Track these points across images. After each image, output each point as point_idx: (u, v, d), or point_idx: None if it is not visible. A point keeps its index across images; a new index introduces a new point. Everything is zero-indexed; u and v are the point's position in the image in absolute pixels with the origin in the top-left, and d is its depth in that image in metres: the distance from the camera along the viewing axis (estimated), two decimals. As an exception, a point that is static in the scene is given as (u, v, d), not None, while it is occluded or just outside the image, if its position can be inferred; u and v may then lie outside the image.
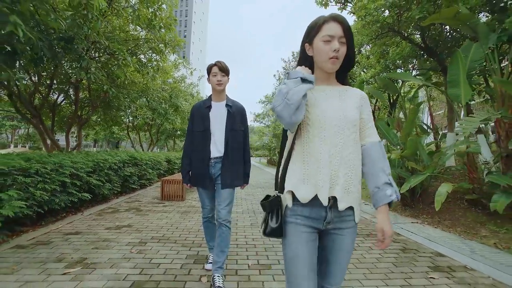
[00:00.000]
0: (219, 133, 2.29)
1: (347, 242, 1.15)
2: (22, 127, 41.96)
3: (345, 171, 1.09)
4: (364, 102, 1.22)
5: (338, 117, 1.12)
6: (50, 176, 3.71)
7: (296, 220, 1.12)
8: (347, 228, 1.14)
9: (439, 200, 4.02)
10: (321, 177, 1.07)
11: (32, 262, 2.61)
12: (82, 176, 4.46)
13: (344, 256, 1.16)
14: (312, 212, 1.10)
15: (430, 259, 2.98)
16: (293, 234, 1.12)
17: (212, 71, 2.28)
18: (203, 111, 2.32)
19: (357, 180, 1.12)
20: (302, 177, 1.10)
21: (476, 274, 2.62)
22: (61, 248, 3.00)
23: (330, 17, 1.12)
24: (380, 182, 1.12)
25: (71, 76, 5.38)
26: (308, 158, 1.11)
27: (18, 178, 3.14)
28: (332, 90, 1.19)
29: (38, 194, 3.30)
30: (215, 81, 2.27)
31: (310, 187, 1.08)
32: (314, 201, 1.09)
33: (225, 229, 2.26)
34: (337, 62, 1.12)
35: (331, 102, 1.16)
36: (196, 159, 2.32)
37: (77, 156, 4.89)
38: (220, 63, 2.28)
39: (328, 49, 1.10)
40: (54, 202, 3.79)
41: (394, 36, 5.68)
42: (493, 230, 3.76)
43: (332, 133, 1.10)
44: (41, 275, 2.35)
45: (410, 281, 2.46)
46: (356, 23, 6.05)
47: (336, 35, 1.09)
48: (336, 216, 1.11)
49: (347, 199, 1.09)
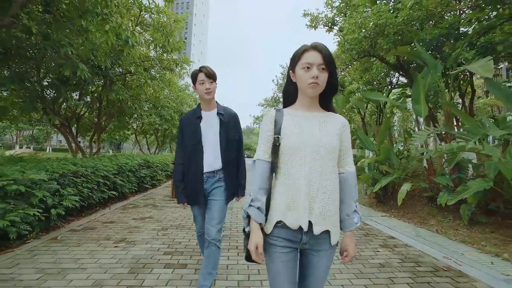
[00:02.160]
0: (213, 146, 2.15)
1: (323, 262, 1.20)
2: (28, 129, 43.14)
3: (322, 196, 1.13)
4: (345, 129, 1.25)
5: (317, 144, 1.15)
6: (90, 177, 4.71)
7: (275, 242, 1.17)
8: (323, 250, 1.18)
9: (400, 196, 5.02)
10: (300, 204, 1.12)
11: (89, 239, 3.60)
12: (110, 177, 5.46)
13: (320, 274, 1.22)
14: (289, 235, 1.16)
15: (383, 240, 3.96)
16: (273, 254, 1.18)
17: (198, 78, 2.08)
18: (194, 123, 2.16)
19: (333, 205, 1.16)
20: (286, 205, 1.15)
21: (411, 249, 3.60)
22: (105, 231, 3.99)
23: (310, 46, 1.18)
24: (350, 211, 1.21)
25: (103, 96, 6.40)
26: (289, 185, 1.16)
27: (72, 179, 4.14)
28: (313, 117, 1.23)
29: (85, 191, 4.30)
30: (203, 89, 2.07)
31: (296, 214, 1.13)
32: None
33: (214, 249, 2.10)
34: (317, 87, 1.16)
35: (311, 129, 1.19)
36: (189, 175, 2.16)
37: (104, 160, 5.89)
38: (206, 69, 2.09)
39: (308, 76, 1.15)
40: (92, 198, 4.79)
41: (371, 57, 6.70)
42: (439, 220, 4.75)
43: (310, 159, 1.14)
44: (99, 247, 3.34)
45: (361, 253, 3.43)
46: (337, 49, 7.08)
47: (315, 62, 1.14)
48: (312, 238, 1.15)
49: (323, 223, 1.13)
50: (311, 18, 7.74)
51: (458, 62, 4.56)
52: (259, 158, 1.24)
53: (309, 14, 7.78)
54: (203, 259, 2.14)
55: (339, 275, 2.75)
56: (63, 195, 3.87)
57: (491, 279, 2.69)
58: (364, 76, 7.67)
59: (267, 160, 1.23)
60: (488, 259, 3.23)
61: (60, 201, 3.80)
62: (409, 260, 3.19)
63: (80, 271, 2.67)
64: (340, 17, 7.28)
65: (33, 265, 2.76)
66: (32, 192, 3.29)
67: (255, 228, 1.16)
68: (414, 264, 3.08)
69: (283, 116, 1.23)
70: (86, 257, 3.01)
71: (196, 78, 2.12)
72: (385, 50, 5.31)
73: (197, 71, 2.13)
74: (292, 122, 1.21)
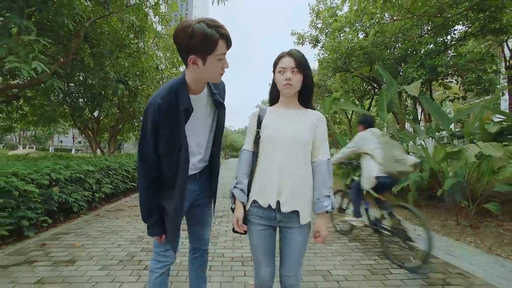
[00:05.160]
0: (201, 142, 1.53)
1: (297, 239, 1.35)
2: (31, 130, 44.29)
3: (291, 181, 1.31)
4: (320, 123, 1.39)
5: (289, 135, 1.33)
6: (118, 171, 5.94)
7: (253, 220, 1.39)
8: (295, 228, 1.35)
9: (365, 187, 6.29)
10: (271, 186, 1.32)
11: (123, 215, 4.83)
12: (130, 171, 6.69)
13: (294, 250, 1.36)
14: (264, 213, 1.36)
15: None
16: (252, 231, 1.40)
17: (219, 50, 1.21)
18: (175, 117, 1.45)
19: (304, 190, 1.33)
20: (260, 187, 1.35)
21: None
22: (133, 211, 5.22)
23: (285, 52, 1.37)
24: (321, 195, 1.34)
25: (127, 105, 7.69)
26: (264, 170, 1.36)
27: (107, 172, 5.38)
28: (291, 113, 1.40)
29: (116, 181, 5.54)
30: (220, 68, 1.29)
31: (267, 194, 1.33)
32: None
33: (206, 254, 1.74)
34: (290, 88, 1.33)
35: (286, 123, 1.37)
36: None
37: (124, 157, 7.13)
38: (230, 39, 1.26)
39: (283, 78, 1.33)
40: (118, 188, 6.02)
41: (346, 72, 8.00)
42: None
43: (283, 149, 1.32)
44: (133, 220, 4.56)
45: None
46: (318, 65, 8.40)
47: (288, 66, 1.32)
48: (285, 217, 1.34)
49: (291, 204, 1.31)
50: (298, 37, 9.06)
51: (407, 80, 5.82)
52: (244, 148, 1.46)
53: (296, 33, 9.09)
54: (196, 270, 1.71)
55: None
56: (101, 183, 5.10)
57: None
58: (343, 86, 8.95)
59: (250, 150, 1.43)
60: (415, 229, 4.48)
61: (100, 188, 5.04)
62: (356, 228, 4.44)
63: (126, 232, 3.90)
64: (323, 36, 8.55)
65: (93, 228, 4.00)
66: (85, 179, 4.53)
67: (238, 206, 1.40)
68: (359, 230, 4.33)
69: (266, 113, 1.44)
70: (126, 225, 4.24)
71: (215, 48, 1.21)
72: (355, 68, 6.56)
73: (217, 37, 1.21)
74: (272, 118, 1.40)
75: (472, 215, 4.08)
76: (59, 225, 4.08)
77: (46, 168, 3.83)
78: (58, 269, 2.65)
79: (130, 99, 6.56)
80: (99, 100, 5.98)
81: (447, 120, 4.85)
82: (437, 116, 4.92)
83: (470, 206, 4.04)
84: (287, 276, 1.38)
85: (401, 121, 6.12)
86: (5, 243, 3.20)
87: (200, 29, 1.14)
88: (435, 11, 5.92)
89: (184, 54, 1.22)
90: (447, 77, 6.49)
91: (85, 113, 6.97)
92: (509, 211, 4.32)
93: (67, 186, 4.14)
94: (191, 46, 1.17)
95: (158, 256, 1.49)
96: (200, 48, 1.17)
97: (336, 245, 3.57)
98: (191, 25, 1.15)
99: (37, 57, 3.19)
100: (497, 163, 3.93)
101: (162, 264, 1.49)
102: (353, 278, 2.61)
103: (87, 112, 6.75)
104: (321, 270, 2.78)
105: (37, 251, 3.08)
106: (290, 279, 1.37)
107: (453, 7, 5.85)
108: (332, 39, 6.55)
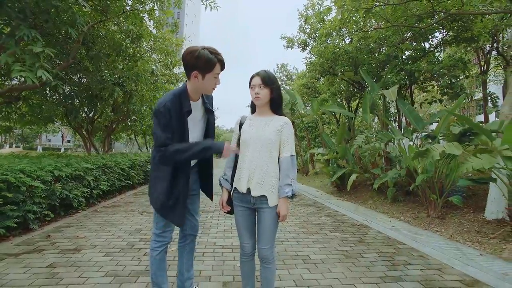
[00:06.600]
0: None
1: (266, 217, 1.69)
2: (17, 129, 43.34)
3: (259, 173, 1.67)
4: (285, 127, 1.72)
5: (258, 137, 1.69)
6: (113, 169, 6.19)
7: (236, 203, 1.80)
8: (265, 208, 1.69)
9: (349, 184, 6.71)
10: (244, 177, 1.70)
11: (120, 211, 5.10)
12: (125, 169, 6.94)
13: (267, 226, 1.70)
14: (242, 198, 1.74)
15: (328, 213, 5.61)
16: (236, 211, 1.81)
17: (214, 70, 1.67)
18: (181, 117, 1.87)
19: (268, 179, 1.67)
20: (237, 177, 1.76)
21: (344, 217, 5.23)
22: (129, 207, 5.50)
23: (255, 73, 1.74)
24: (283, 183, 1.66)
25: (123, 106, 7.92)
26: (240, 165, 1.75)
27: (104, 169, 5.62)
28: (261, 119, 1.76)
29: (112, 179, 5.79)
30: (213, 84, 1.74)
31: (241, 183, 1.71)
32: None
33: (195, 240, 2.07)
34: (259, 100, 1.70)
35: (257, 128, 1.73)
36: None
37: (119, 156, 7.37)
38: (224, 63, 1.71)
39: (253, 93, 1.71)
40: (114, 185, 6.27)
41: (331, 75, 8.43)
42: (375, 200, 6.45)
43: (253, 148, 1.69)
44: (129, 215, 4.84)
45: (310, 218, 5.06)
46: (307, 68, 8.80)
47: (256, 83, 1.69)
48: (257, 200, 1.69)
49: (259, 190, 1.67)
50: (287, 40, 9.45)
51: (387, 84, 6.27)
52: None
53: (286, 37, 9.48)
54: (185, 256, 2.01)
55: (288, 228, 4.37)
56: (99, 181, 5.36)
57: (382, 228, 4.36)
58: (330, 88, 9.38)
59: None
60: (391, 220, 4.92)
61: (98, 185, 5.29)
62: (338, 221, 4.85)
63: (124, 225, 4.19)
64: (311, 40, 8.96)
65: (93, 222, 4.27)
66: (84, 177, 4.79)
67: (224, 191, 1.86)
68: (340, 222, 4.73)
69: (246, 120, 1.83)
70: (124, 219, 4.53)
71: (213, 68, 1.63)
72: (340, 71, 6.97)
73: (216, 61, 1.63)
74: (248, 123, 1.79)
75: (439, 207, 4.53)
76: (60, 219, 4.34)
77: (49, 165, 4.09)
78: (65, 256, 2.94)
79: (125, 100, 6.81)
80: (95, 102, 6.23)
81: (421, 122, 5.31)
82: (412, 118, 5.38)
83: (438, 200, 4.49)
84: (262, 249, 1.71)
85: (383, 123, 6.56)
86: (12, 235, 3.46)
87: (204, 54, 1.59)
88: (416, 19, 6.39)
89: (189, 70, 1.65)
90: (425, 81, 6.98)
91: (80, 114, 7.19)
92: (472, 203, 4.80)
93: (68, 183, 4.40)
94: (196, 65, 1.61)
95: (157, 237, 1.85)
96: (202, 67, 1.62)
97: (317, 235, 3.95)
98: (198, 50, 1.59)
99: (42, 66, 3.43)
100: (462, 161, 4.40)
101: (160, 244, 1.84)
102: (329, 261, 2.99)
103: (82, 113, 6.98)
104: (302, 256, 3.15)
105: (44, 241, 3.35)
106: (265, 251, 1.70)
107: (430, 17, 6.32)
108: (319, 43, 6.96)
